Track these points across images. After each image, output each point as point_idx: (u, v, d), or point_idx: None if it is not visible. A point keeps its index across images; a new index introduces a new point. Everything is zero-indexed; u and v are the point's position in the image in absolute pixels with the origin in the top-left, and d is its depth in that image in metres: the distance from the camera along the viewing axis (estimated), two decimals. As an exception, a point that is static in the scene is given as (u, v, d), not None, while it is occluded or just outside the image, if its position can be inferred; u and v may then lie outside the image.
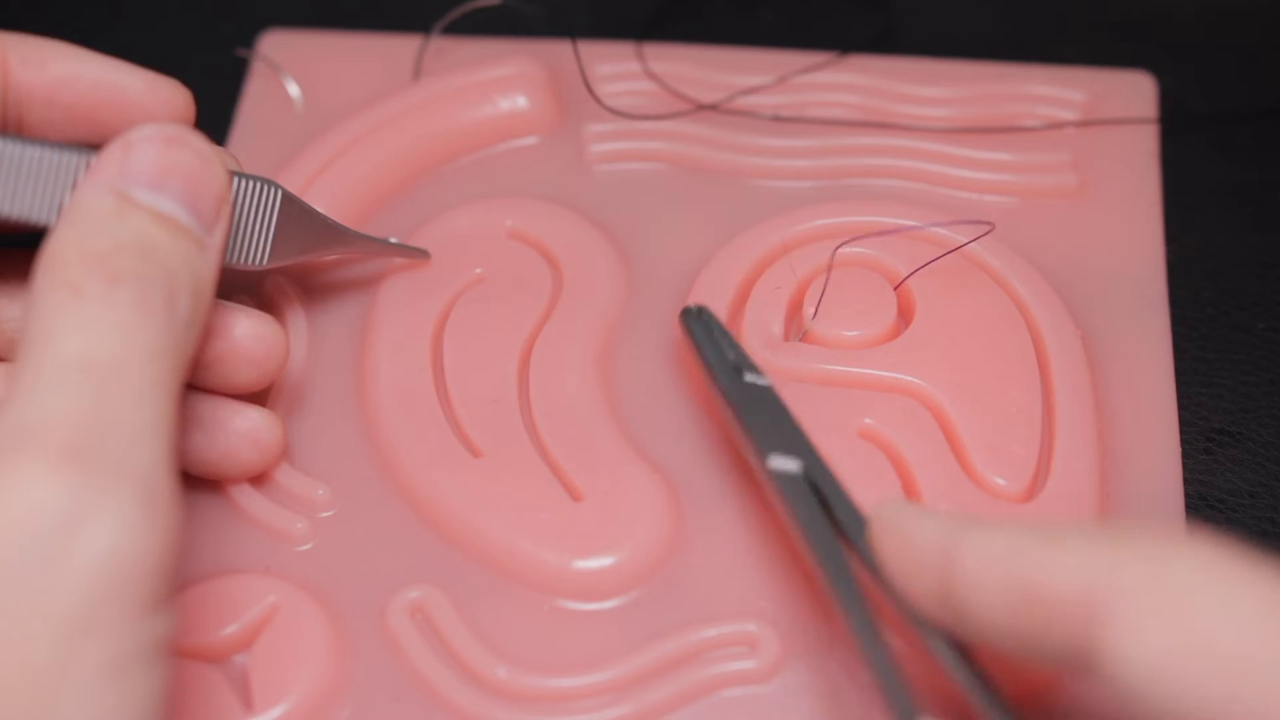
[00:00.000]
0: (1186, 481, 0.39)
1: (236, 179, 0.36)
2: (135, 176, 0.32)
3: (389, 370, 0.41)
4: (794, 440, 0.36)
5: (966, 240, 0.42)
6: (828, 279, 0.41)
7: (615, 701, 0.35)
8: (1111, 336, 0.41)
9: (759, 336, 0.40)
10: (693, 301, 0.41)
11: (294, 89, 0.47)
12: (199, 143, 0.34)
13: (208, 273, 0.33)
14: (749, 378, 0.37)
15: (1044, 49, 0.48)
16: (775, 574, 0.37)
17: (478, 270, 0.43)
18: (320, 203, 0.43)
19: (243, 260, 0.37)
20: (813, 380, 0.40)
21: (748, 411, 0.36)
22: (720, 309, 0.41)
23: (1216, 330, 0.43)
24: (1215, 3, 0.50)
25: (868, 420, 0.39)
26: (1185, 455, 0.39)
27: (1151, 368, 0.41)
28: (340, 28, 0.49)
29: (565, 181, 0.45)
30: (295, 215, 0.38)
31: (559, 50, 0.47)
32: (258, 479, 0.39)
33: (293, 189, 0.44)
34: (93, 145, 0.34)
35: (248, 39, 0.49)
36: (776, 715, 0.35)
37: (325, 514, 0.39)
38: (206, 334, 0.35)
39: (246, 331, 0.36)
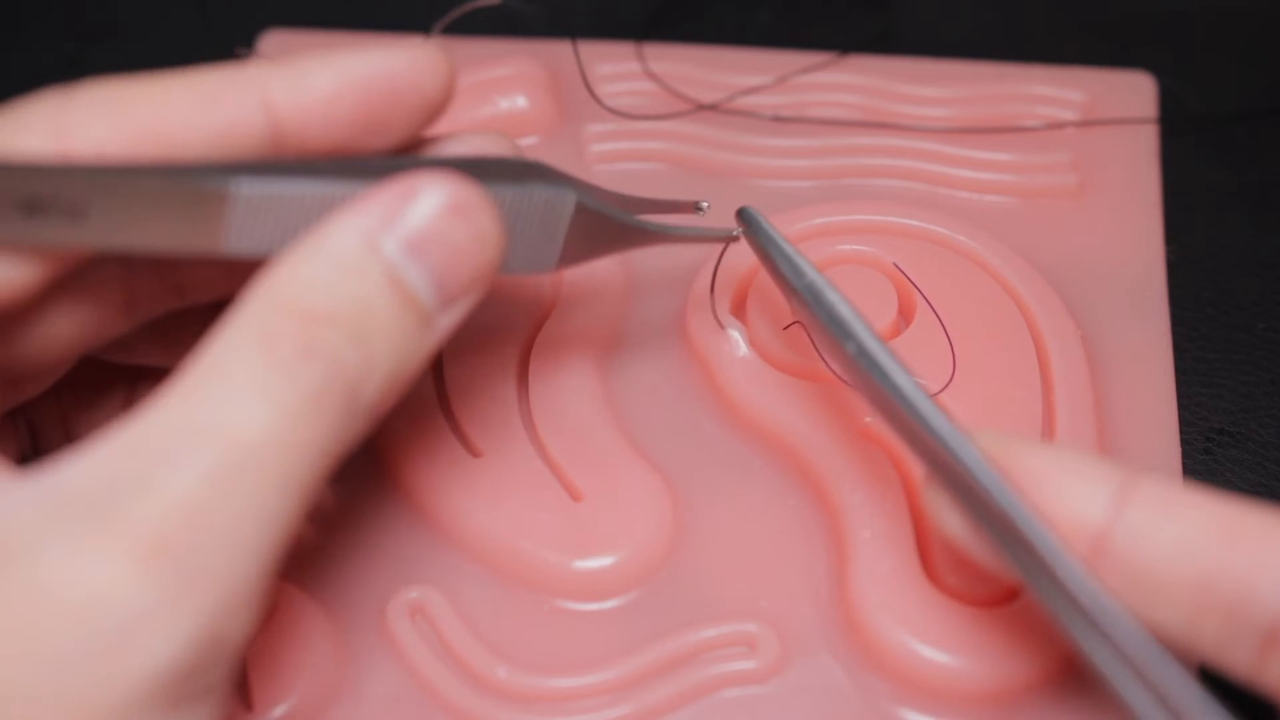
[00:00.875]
0: (1186, 481, 0.39)
1: (520, 191, 0.32)
2: (397, 230, 0.29)
3: (389, 370, 0.41)
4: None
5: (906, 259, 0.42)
6: (717, 265, 0.40)
7: (615, 702, 0.35)
8: (1111, 336, 0.41)
9: (761, 329, 0.40)
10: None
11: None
12: (486, 218, 0.30)
13: (419, 355, 0.29)
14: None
15: (1044, 49, 0.48)
16: (775, 574, 0.37)
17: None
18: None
19: (525, 270, 0.34)
20: (813, 379, 0.40)
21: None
22: (721, 307, 0.41)
23: (1216, 330, 0.43)
24: (1215, 3, 0.50)
25: (868, 420, 0.39)
26: (1185, 455, 0.39)
27: (1151, 368, 0.41)
28: (340, 28, 0.49)
29: (565, 181, 0.45)
30: (588, 220, 0.34)
31: (559, 50, 0.47)
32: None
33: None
34: (360, 157, 0.31)
35: (248, 39, 0.49)
36: (776, 715, 0.35)
37: (325, 514, 0.39)
38: None
39: None
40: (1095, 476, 0.28)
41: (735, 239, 0.38)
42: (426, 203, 0.29)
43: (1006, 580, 0.32)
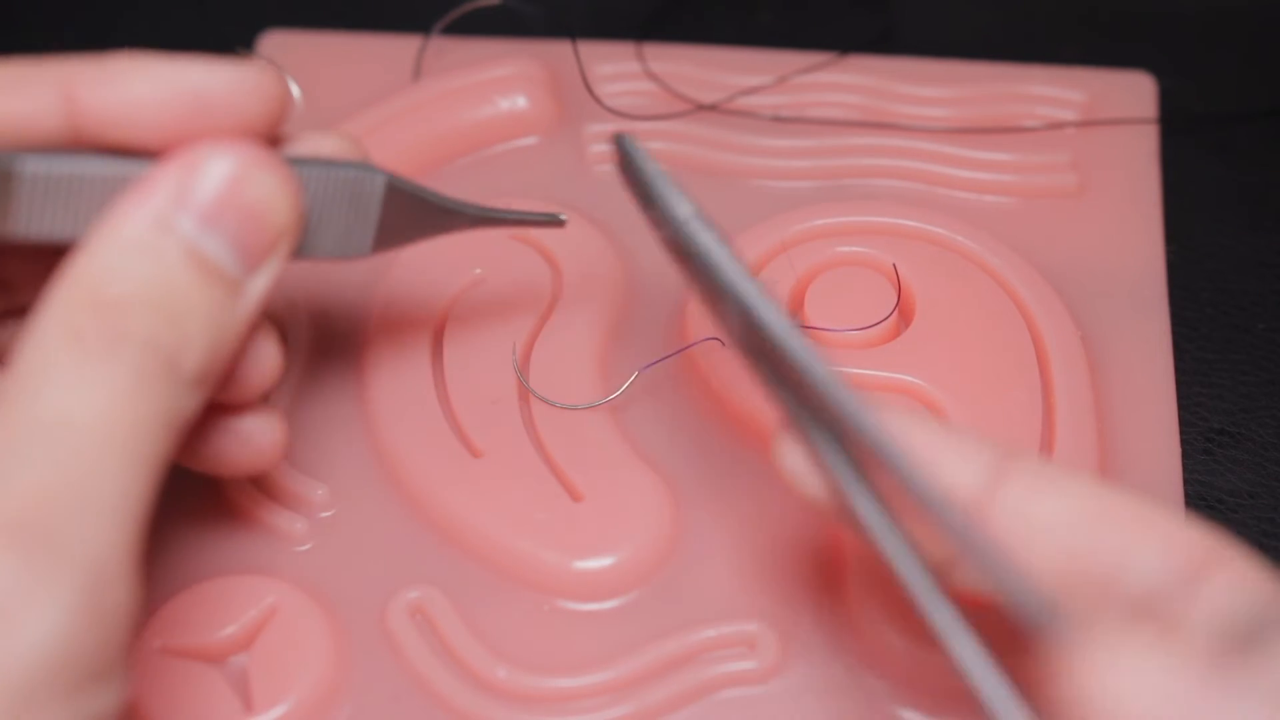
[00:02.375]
0: (1186, 481, 0.39)
1: (329, 171, 0.33)
2: (188, 206, 0.29)
3: (389, 370, 0.41)
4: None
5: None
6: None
7: (615, 702, 0.35)
8: (1111, 336, 0.41)
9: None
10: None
11: (294, 89, 0.47)
12: (270, 175, 0.30)
13: (235, 322, 0.30)
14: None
15: (1044, 49, 0.48)
16: (775, 574, 0.37)
17: (477, 270, 0.43)
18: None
19: (340, 254, 0.34)
20: (813, 380, 0.40)
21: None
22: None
23: (1216, 330, 0.43)
24: (1215, 3, 0.50)
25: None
26: (1185, 455, 0.39)
27: (1151, 368, 0.41)
28: (340, 28, 0.49)
29: (565, 181, 0.45)
30: (403, 203, 0.34)
31: (559, 50, 0.47)
32: (257, 479, 0.39)
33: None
34: (151, 153, 0.31)
35: (248, 39, 0.49)
36: (776, 715, 0.35)
37: (325, 514, 0.39)
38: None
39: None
40: (973, 453, 0.29)
41: (561, 223, 0.38)
42: (213, 171, 0.30)
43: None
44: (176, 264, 0.29)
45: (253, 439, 0.35)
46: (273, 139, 0.33)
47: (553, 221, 0.38)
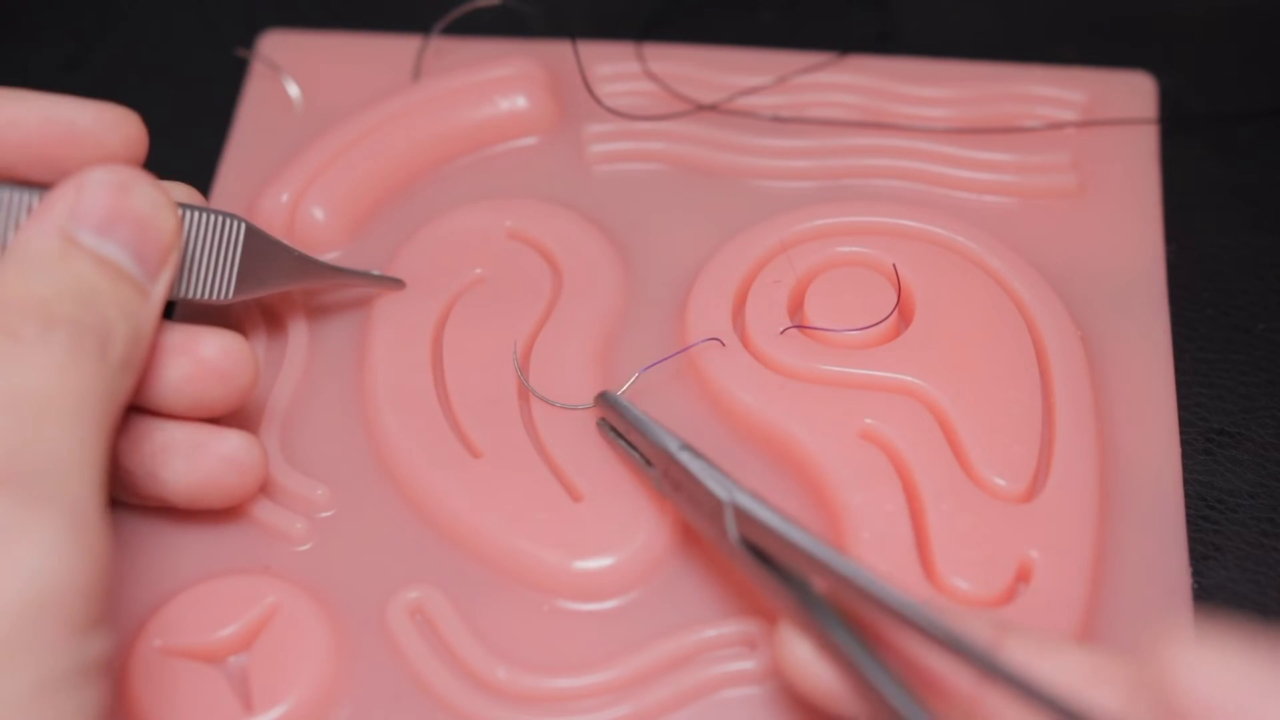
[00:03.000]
0: (1186, 481, 0.39)
1: (198, 214, 0.36)
2: (83, 219, 0.33)
3: (389, 370, 0.41)
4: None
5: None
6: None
7: (614, 702, 0.35)
8: (1111, 336, 0.41)
9: (760, 331, 0.40)
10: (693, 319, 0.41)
11: (294, 89, 0.47)
12: (151, 189, 0.34)
13: (147, 319, 0.34)
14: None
15: (1044, 49, 0.48)
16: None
17: (478, 270, 0.43)
18: (320, 204, 0.43)
19: (207, 295, 0.37)
20: (813, 380, 0.40)
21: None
22: (721, 308, 0.41)
23: (1216, 330, 0.43)
24: (1215, 3, 0.50)
25: (868, 420, 0.39)
26: (1185, 455, 0.39)
27: (1151, 368, 0.41)
28: (340, 28, 0.49)
29: (565, 181, 0.45)
30: (261, 249, 0.38)
31: (559, 50, 0.47)
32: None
33: (292, 190, 0.44)
34: (45, 185, 0.34)
35: (248, 39, 0.49)
36: (776, 715, 0.35)
37: (325, 514, 0.39)
38: (174, 355, 0.36)
39: (213, 349, 0.36)
40: (971, 625, 0.30)
41: (400, 285, 0.42)
42: (101, 187, 0.33)
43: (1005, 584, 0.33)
44: (86, 266, 0.33)
45: (233, 463, 0.37)
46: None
47: (394, 285, 0.42)
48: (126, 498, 0.37)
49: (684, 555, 0.38)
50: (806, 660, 0.32)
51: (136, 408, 0.36)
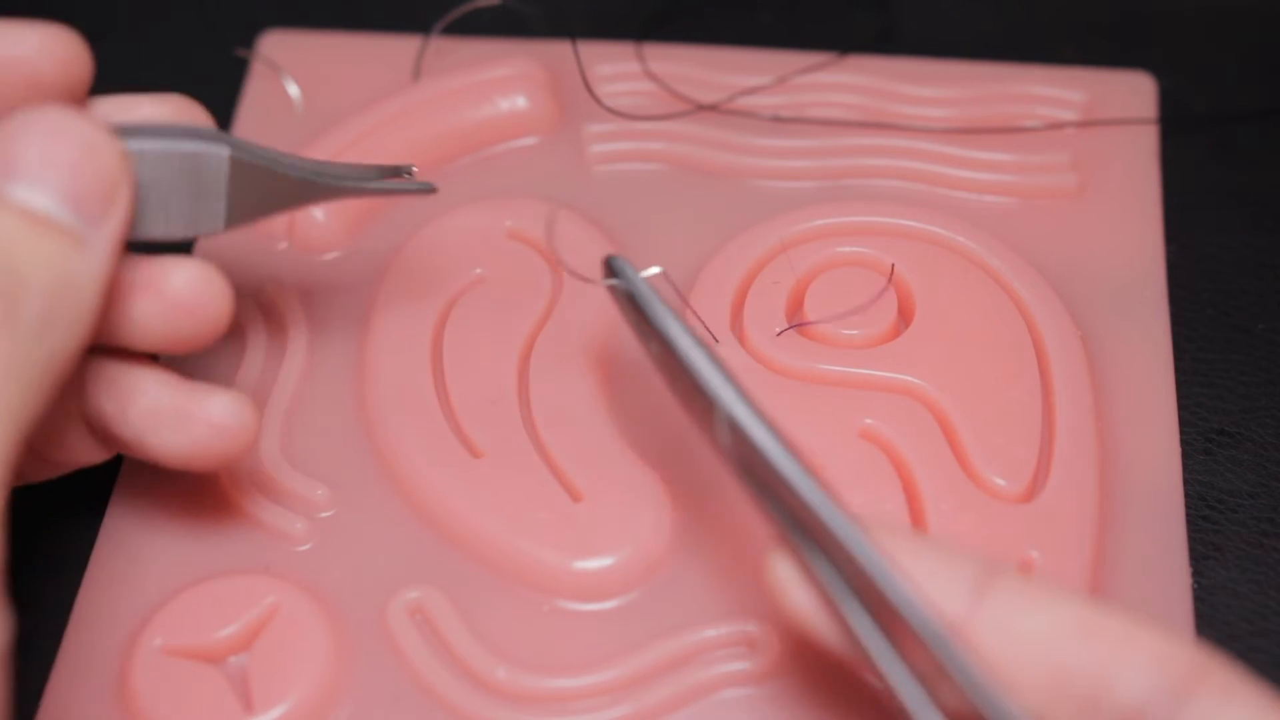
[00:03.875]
0: (1186, 481, 0.39)
1: (164, 148, 0.33)
2: (9, 170, 0.31)
3: (389, 370, 0.41)
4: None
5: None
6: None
7: (614, 702, 0.35)
8: (1111, 336, 0.41)
9: (759, 331, 0.40)
10: (692, 306, 0.41)
11: (294, 89, 0.47)
12: (85, 128, 0.31)
13: (86, 270, 0.31)
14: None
15: (1044, 49, 0.48)
16: (764, 577, 0.37)
17: (478, 270, 0.43)
18: (321, 203, 0.43)
19: (192, 232, 0.34)
20: (813, 380, 0.40)
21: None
22: (721, 309, 0.41)
23: (1216, 330, 0.43)
24: (1215, 3, 0.50)
25: (868, 420, 0.39)
26: (1185, 455, 0.39)
27: (1151, 368, 0.41)
28: (340, 28, 0.49)
29: (565, 181, 0.45)
30: (254, 177, 0.34)
31: (559, 50, 0.47)
32: (257, 479, 0.39)
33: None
34: None
35: (248, 39, 0.49)
36: (776, 715, 0.35)
37: (325, 514, 0.39)
38: (139, 291, 0.33)
39: (180, 282, 0.33)
40: (955, 568, 0.29)
41: (432, 190, 0.38)
42: (29, 133, 0.31)
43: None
44: (9, 224, 0.30)
45: (221, 426, 0.34)
46: (79, 97, 0.34)
47: (423, 189, 0.38)
48: (127, 454, 0.36)
49: (684, 555, 0.38)
50: (790, 585, 0.31)
51: (113, 353, 0.34)
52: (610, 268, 0.35)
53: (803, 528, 0.31)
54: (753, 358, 0.40)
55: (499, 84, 0.46)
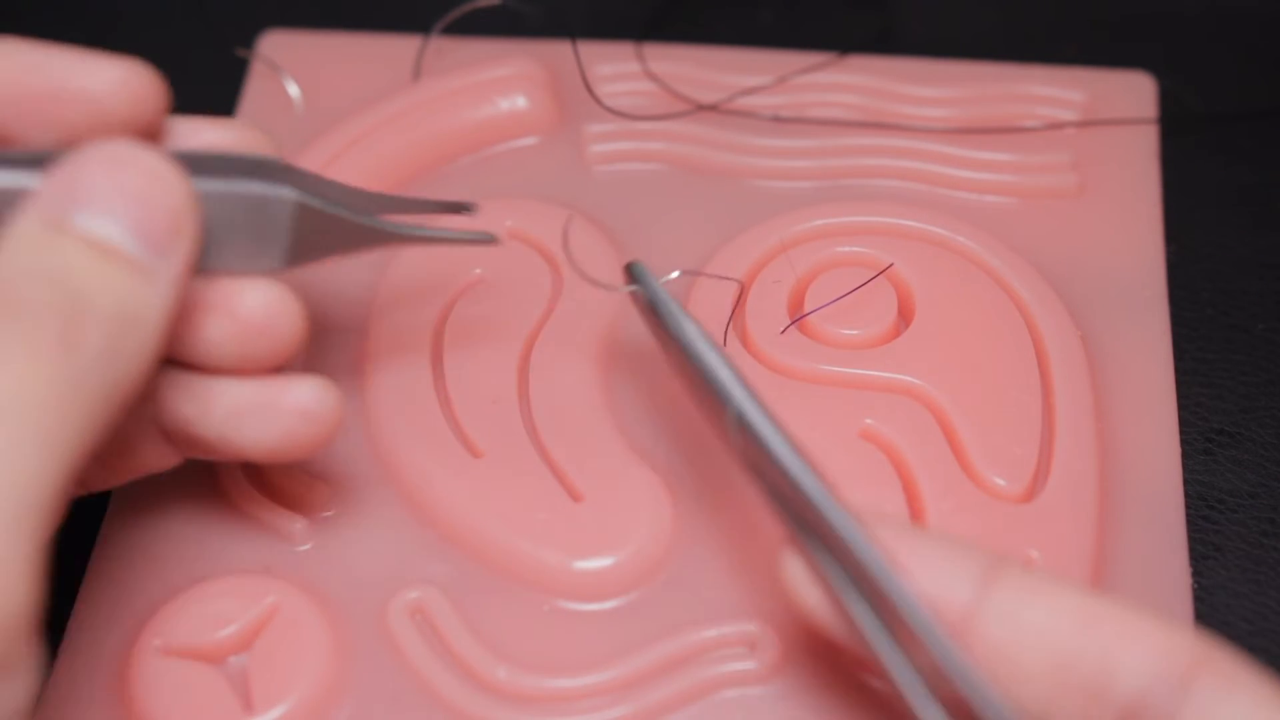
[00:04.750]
0: (1186, 481, 0.39)
1: (229, 189, 0.33)
2: (74, 200, 0.30)
3: (389, 370, 0.41)
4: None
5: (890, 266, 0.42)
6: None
7: (615, 702, 0.35)
8: (1111, 336, 0.41)
9: (760, 331, 0.40)
10: (691, 311, 0.41)
11: (294, 89, 0.47)
12: (153, 161, 0.31)
13: (151, 301, 0.30)
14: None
15: (1044, 49, 0.48)
16: (776, 574, 0.37)
17: (478, 270, 0.43)
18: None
19: (250, 267, 0.34)
20: (813, 380, 0.40)
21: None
22: (721, 308, 0.41)
23: (1216, 330, 0.43)
24: (1215, 3, 0.50)
25: (868, 420, 0.39)
26: (1185, 455, 0.39)
27: (1151, 368, 0.41)
28: (340, 28, 0.49)
29: (565, 181, 0.45)
30: (319, 222, 0.34)
31: (559, 50, 0.47)
32: (257, 479, 0.39)
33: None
34: (54, 150, 0.32)
35: (248, 39, 0.49)
36: (776, 715, 0.35)
37: (325, 514, 0.39)
38: (212, 313, 0.33)
39: (253, 304, 0.33)
40: (961, 561, 0.30)
41: (493, 241, 0.37)
42: (96, 164, 0.30)
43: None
44: (74, 252, 0.30)
45: (307, 413, 0.34)
46: (152, 133, 0.33)
47: (484, 240, 0.37)
48: (202, 457, 0.36)
49: (684, 555, 0.38)
50: (801, 583, 0.31)
51: (191, 368, 0.34)
52: (630, 273, 0.36)
53: (808, 525, 0.31)
54: (753, 358, 0.40)
55: (499, 84, 0.46)
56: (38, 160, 0.31)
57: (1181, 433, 0.40)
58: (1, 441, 0.27)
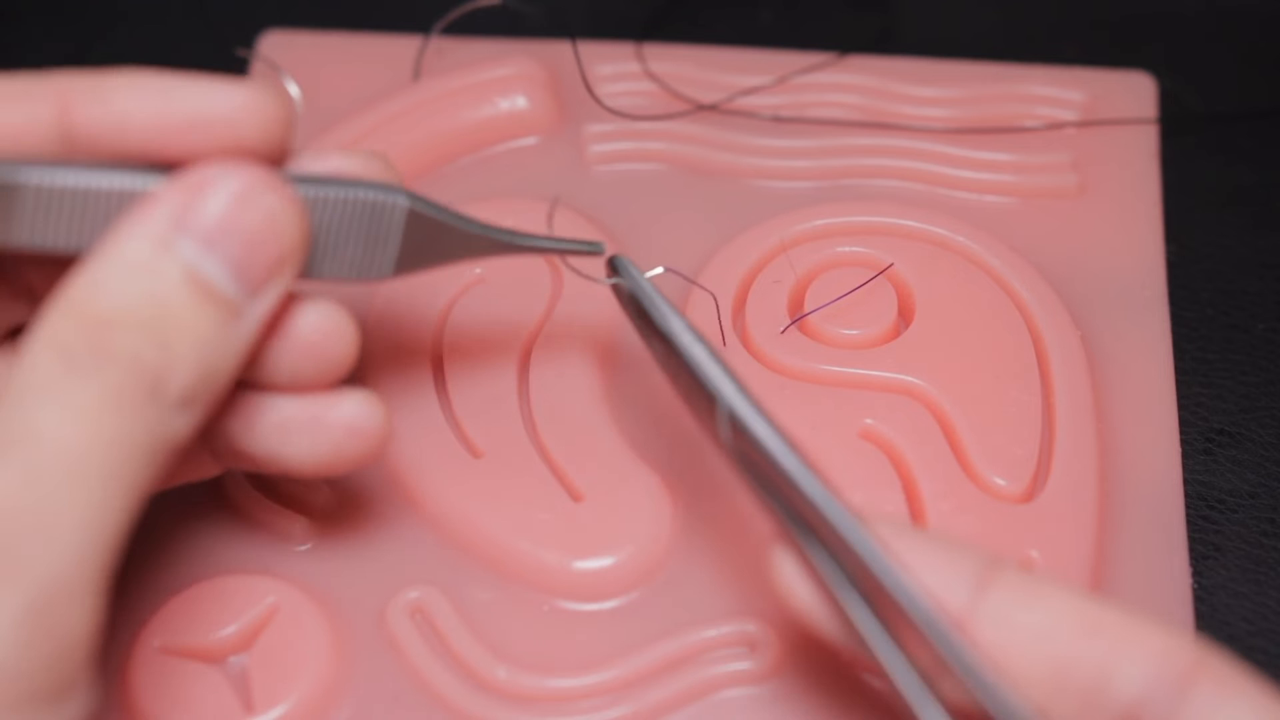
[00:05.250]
0: (1186, 481, 0.39)
1: (342, 198, 0.32)
2: (189, 228, 0.30)
3: (389, 370, 0.41)
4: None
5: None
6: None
7: (615, 702, 0.35)
8: (1111, 336, 0.41)
9: (760, 331, 0.40)
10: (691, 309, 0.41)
11: (294, 89, 0.47)
12: (273, 197, 0.30)
13: (234, 344, 0.30)
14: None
15: (1044, 49, 0.48)
16: (766, 572, 0.37)
17: (478, 270, 0.43)
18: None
19: (357, 276, 0.33)
20: (813, 380, 0.40)
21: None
22: (722, 309, 0.41)
23: (1216, 330, 0.43)
24: (1215, 3, 0.50)
25: (868, 420, 0.39)
26: (1185, 455, 0.39)
27: (1151, 368, 0.41)
28: (340, 28, 0.49)
29: (565, 181, 0.45)
30: (428, 229, 0.34)
31: (559, 50, 0.47)
32: (257, 479, 0.39)
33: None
34: (168, 166, 0.31)
35: (248, 39, 0.49)
36: (776, 715, 0.35)
37: (325, 514, 0.39)
38: (268, 332, 0.32)
39: (306, 324, 0.33)
40: (957, 562, 0.30)
41: (600, 252, 0.36)
42: (216, 194, 0.30)
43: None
44: (173, 286, 0.29)
45: (354, 429, 0.34)
46: (279, 156, 0.33)
47: (591, 250, 0.36)
48: (249, 469, 0.36)
49: (684, 555, 0.38)
50: (793, 582, 0.31)
51: (241, 383, 0.33)
52: (613, 266, 0.35)
53: (803, 522, 0.31)
54: (753, 358, 0.40)
55: (499, 84, 0.46)
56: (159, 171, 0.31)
57: (1181, 433, 0.40)
58: (78, 489, 0.27)
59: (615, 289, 0.35)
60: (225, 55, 0.49)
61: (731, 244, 0.43)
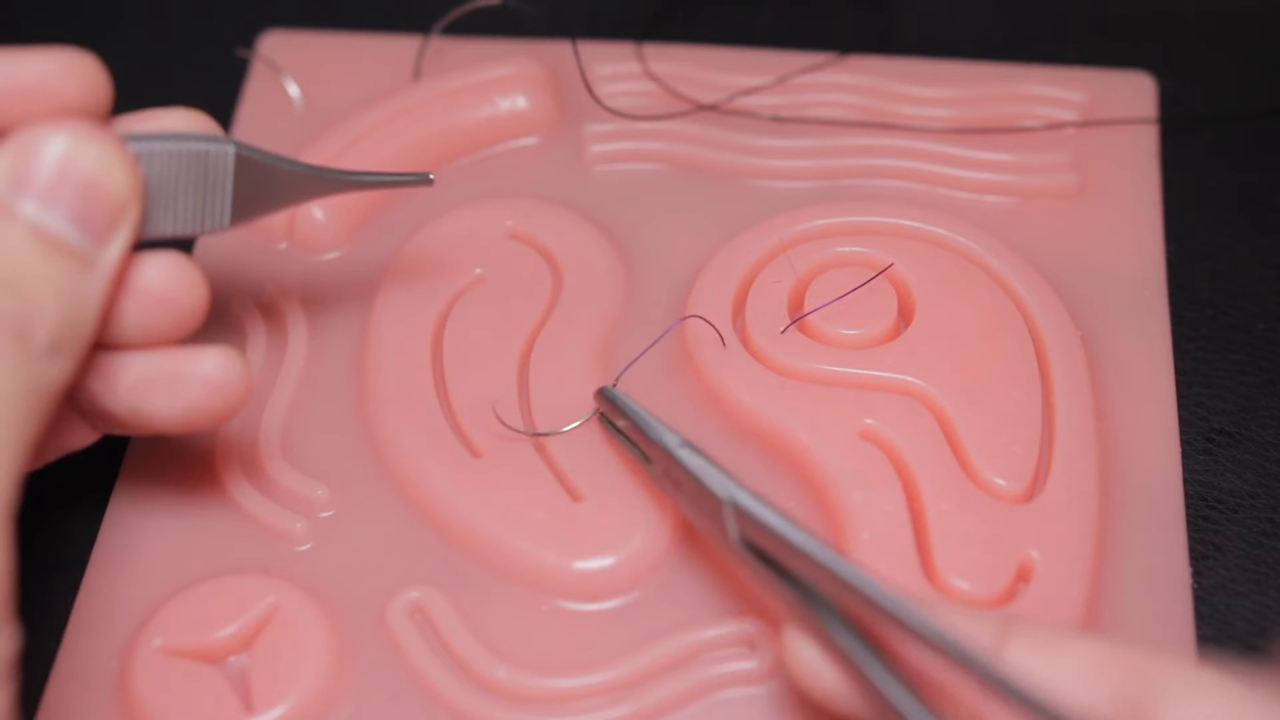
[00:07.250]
0: (1186, 481, 0.39)
1: (172, 150, 0.33)
2: (25, 186, 0.31)
3: (389, 370, 0.41)
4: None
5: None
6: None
7: (615, 702, 0.35)
8: (1111, 336, 0.41)
9: (760, 331, 0.40)
10: (691, 310, 0.41)
11: (294, 89, 0.47)
12: (98, 146, 0.31)
13: (91, 292, 0.31)
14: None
15: (1044, 49, 0.48)
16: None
17: (478, 270, 0.43)
18: (320, 204, 0.43)
19: (198, 229, 0.34)
20: (813, 380, 0.40)
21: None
22: (721, 309, 0.41)
23: (1216, 330, 0.43)
24: (1215, 3, 0.50)
25: (868, 420, 0.39)
26: (1185, 455, 0.39)
27: (1151, 368, 0.41)
28: (340, 28, 0.49)
29: (565, 181, 0.45)
30: (257, 173, 0.35)
31: (559, 50, 0.47)
32: (257, 479, 0.39)
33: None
34: None
35: (248, 39, 0.49)
36: (776, 716, 0.35)
37: (325, 514, 0.39)
38: (117, 289, 0.33)
39: (152, 275, 0.33)
40: (977, 621, 0.30)
41: (428, 182, 0.38)
42: (46, 150, 0.31)
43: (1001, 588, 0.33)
44: (21, 242, 0.30)
45: (213, 384, 0.34)
46: (103, 116, 0.34)
47: (420, 180, 0.38)
48: (115, 432, 0.36)
49: (684, 555, 0.38)
50: (812, 663, 0.31)
51: (99, 345, 0.34)
52: (605, 398, 0.38)
53: (824, 600, 0.31)
54: (754, 357, 0.40)
55: (499, 84, 0.46)
56: None
57: (1181, 433, 0.40)
58: None
59: (601, 418, 0.38)
60: (225, 55, 0.49)
61: (731, 244, 0.43)
